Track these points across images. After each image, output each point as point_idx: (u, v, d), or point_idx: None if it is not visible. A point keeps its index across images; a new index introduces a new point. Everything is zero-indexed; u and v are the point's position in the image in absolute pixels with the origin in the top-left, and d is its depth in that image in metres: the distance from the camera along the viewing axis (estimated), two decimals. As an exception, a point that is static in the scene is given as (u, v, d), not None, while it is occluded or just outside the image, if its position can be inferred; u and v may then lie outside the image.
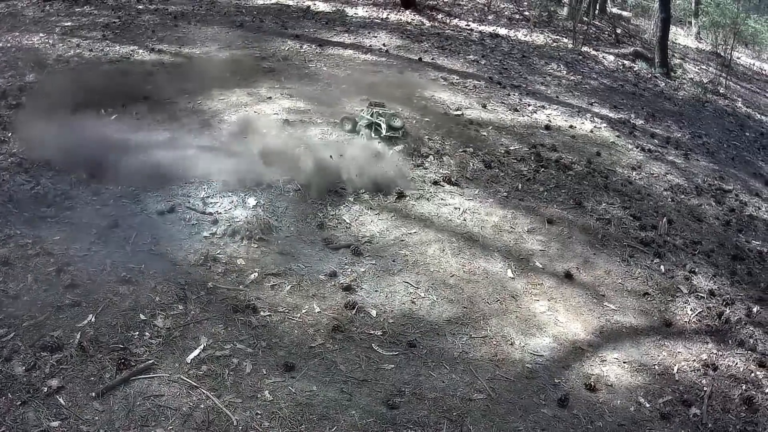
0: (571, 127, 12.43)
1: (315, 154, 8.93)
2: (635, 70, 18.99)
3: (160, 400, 4.99)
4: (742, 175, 12.81)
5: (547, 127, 12.02)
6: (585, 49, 19.23)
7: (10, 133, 8.58)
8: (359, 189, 8.44)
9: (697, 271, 8.35)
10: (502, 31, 19.21)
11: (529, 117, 12.53)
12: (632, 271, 8.04)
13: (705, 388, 6.44)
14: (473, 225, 8.25)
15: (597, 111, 13.94)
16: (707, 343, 7.10)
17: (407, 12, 19.07)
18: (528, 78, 15.30)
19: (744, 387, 6.57)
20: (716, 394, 6.42)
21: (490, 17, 20.60)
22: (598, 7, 23.98)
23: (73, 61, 11.84)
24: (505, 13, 21.26)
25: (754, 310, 7.79)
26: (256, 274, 6.64)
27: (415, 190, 8.70)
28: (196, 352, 5.51)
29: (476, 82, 13.92)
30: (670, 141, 13.30)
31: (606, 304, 7.35)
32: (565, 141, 11.56)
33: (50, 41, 12.83)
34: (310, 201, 8.02)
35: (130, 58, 12.38)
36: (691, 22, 27.13)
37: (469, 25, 19.23)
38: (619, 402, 6.03)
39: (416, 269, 7.24)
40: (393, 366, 5.88)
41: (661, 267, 8.26)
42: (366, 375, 5.71)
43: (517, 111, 12.65)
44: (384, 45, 15.64)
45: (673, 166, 11.88)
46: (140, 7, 16.34)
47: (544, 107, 13.26)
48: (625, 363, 6.53)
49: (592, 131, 12.50)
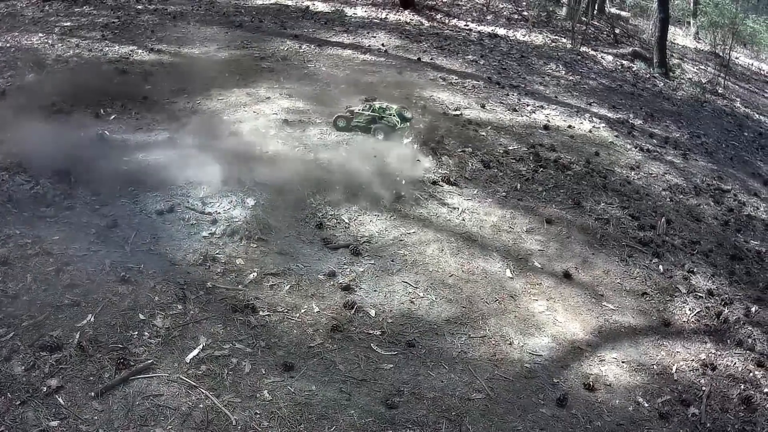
0: (570, 127, 12.45)
1: (315, 154, 8.94)
2: (634, 70, 19.01)
3: (159, 400, 5.00)
4: (740, 175, 12.82)
5: (546, 127, 12.03)
6: (584, 49, 19.25)
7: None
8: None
9: (695, 270, 8.37)
10: (501, 31, 19.23)
11: (528, 117, 12.54)
12: (631, 271, 8.05)
13: (703, 388, 6.45)
14: (472, 225, 8.26)
15: (596, 111, 13.95)
16: (706, 343, 7.12)
17: (406, 12, 19.09)
18: (527, 78, 15.31)
19: (742, 387, 6.58)
20: (715, 393, 6.44)
21: (488, 17, 20.62)
22: (596, 7, 23.99)
23: (73, 61, 11.86)
24: (504, 14, 21.27)
25: (753, 309, 7.80)
26: (255, 274, 6.65)
27: (414, 189, 8.71)
28: (195, 352, 5.52)
29: (475, 82, 13.93)
30: (668, 141, 13.32)
31: (605, 304, 7.36)
32: (563, 141, 11.58)
33: (49, 41, 12.84)
34: (309, 201, 8.03)
35: (129, 58, 12.39)
36: (689, 22, 27.15)
37: (468, 25, 19.25)
38: (617, 402, 6.05)
39: (415, 269, 7.25)
40: (392, 366, 5.89)
41: (660, 267, 8.27)
42: (365, 375, 5.72)
43: (516, 111, 12.66)
44: (383, 45, 15.65)
45: (672, 166, 11.90)
46: (139, 7, 16.35)
47: (542, 107, 13.27)
48: (623, 363, 6.54)
49: (590, 131, 12.52)
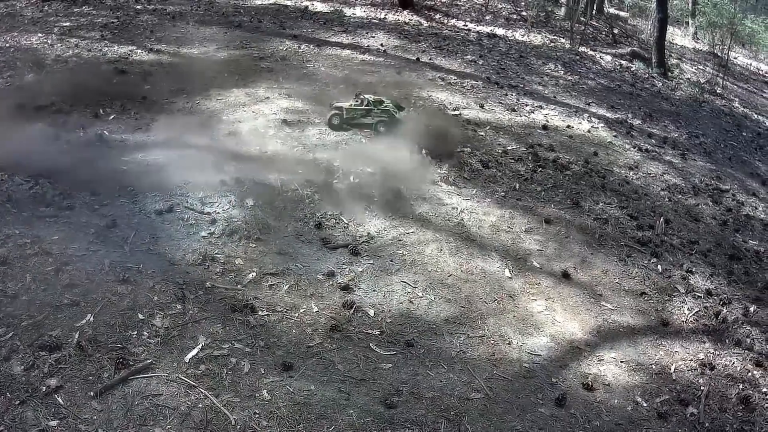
0: (569, 127, 12.46)
1: (314, 154, 8.95)
2: (632, 70, 19.02)
3: (158, 400, 5.00)
4: (739, 175, 12.84)
5: (545, 127, 12.04)
6: (582, 49, 19.26)
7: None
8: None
9: (694, 270, 8.38)
10: (500, 32, 19.24)
11: (527, 117, 12.55)
12: (629, 271, 8.06)
13: (702, 388, 6.47)
14: (471, 225, 8.26)
15: (594, 111, 13.96)
16: (704, 343, 7.13)
17: (405, 12, 19.09)
18: (525, 78, 15.32)
19: (741, 386, 6.60)
20: (713, 393, 6.45)
21: (487, 17, 20.62)
22: (595, 8, 24.02)
23: (72, 61, 11.85)
24: (503, 14, 21.28)
25: (751, 309, 7.82)
26: (254, 274, 6.65)
27: (413, 189, 8.72)
28: (195, 352, 5.52)
29: (474, 82, 13.94)
30: (667, 141, 13.33)
31: (603, 304, 7.37)
32: (562, 141, 11.59)
33: (49, 41, 12.83)
34: (308, 200, 8.03)
35: (129, 58, 12.39)
36: (688, 22, 27.17)
37: (467, 26, 19.26)
38: (616, 401, 6.06)
39: (414, 269, 7.26)
40: (391, 365, 5.90)
41: (659, 267, 8.28)
42: (364, 374, 5.72)
43: (515, 111, 12.67)
44: (382, 45, 15.66)
45: (671, 166, 11.91)
46: (138, 7, 16.34)
47: (541, 107, 13.28)
48: (622, 362, 6.55)
49: (589, 131, 12.53)
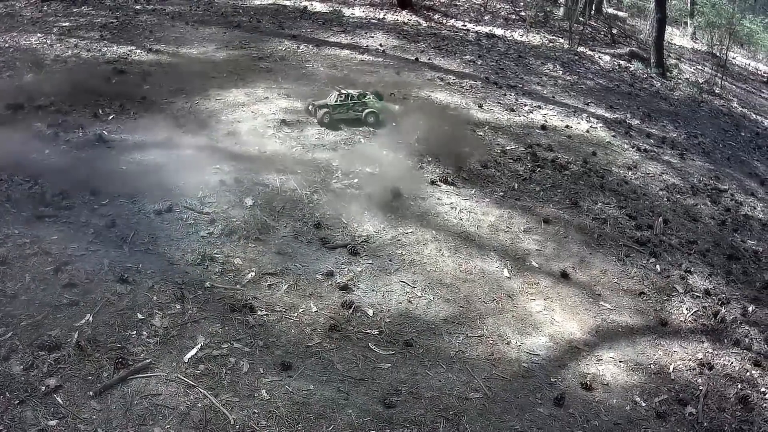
0: (567, 127, 12.47)
1: (313, 153, 8.95)
2: (631, 70, 19.05)
3: (157, 399, 5.01)
4: (737, 175, 12.86)
5: (544, 127, 12.05)
6: (581, 49, 19.28)
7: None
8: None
9: (692, 270, 8.39)
10: (499, 32, 19.26)
11: (526, 117, 12.56)
12: (628, 271, 8.07)
13: (701, 387, 6.48)
14: (470, 224, 8.27)
15: (593, 111, 13.97)
16: (703, 343, 7.14)
17: (404, 12, 19.10)
18: (524, 78, 15.33)
19: (739, 386, 6.61)
20: (712, 393, 6.46)
21: (486, 18, 20.64)
22: (594, 8, 24.06)
23: (71, 61, 11.85)
24: (502, 14, 21.31)
25: (750, 309, 7.83)
26: (253, 274, 6.66)
27: (412, 189, 8.73)
28: (194, 352, 5.53)
29: (472, 82, 13.95)
30: (665, 141, 13.35)
31: (602, 304, 7.38)
32: (561, 141, 11.60)
33: (48, 41, 12.83)
34: (307, 201, 8.04)
35: (128, 58, 12.38)
36: (686, 23, 27.22)
37: (466, 26, 19.28)
38: (615, 401, 6.07)
39: (413, 269, 7.27)
40: (390, 365, 5.90)
41: (657, 266, 8.30)
42: (363, 374, 5.73)
43: (514, 111, 12.68)
44: (381, 45, 15.66)
45: (669, 166, 11.93)
46: (138, 7, 16.34)
47: (540, 107, 13.29)
48: (621, 362, 6.56)
49: (588, 131, 12.54)
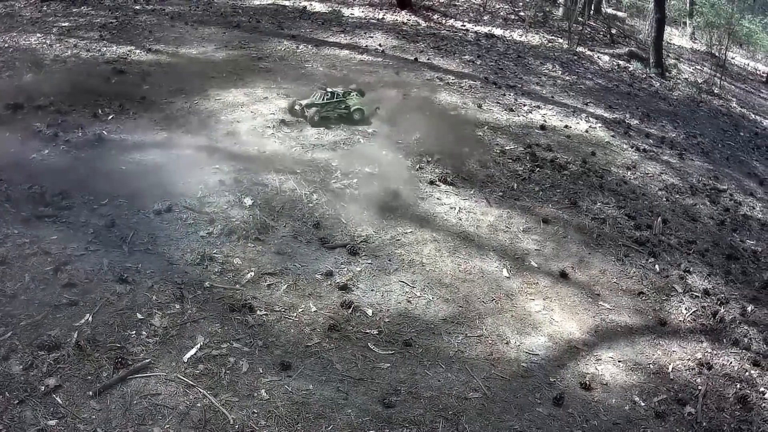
0: (567, 127, 12.48)
1: (312, 153, 8.94)
2: (630, 70, 19.06)
3: (157, 399, 5.01)
4: (736, 175, 12.87)
5: (543, 127, 12.06)
6: (580, 49, 19.30)
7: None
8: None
9: (691, 270, 8.40)
10: (498, 32, 19.27)
11: (525, 117, 12.57)
12: (627, 271, 8.08)
13: (700, 387, 6.48)
14: (469, 224, 8.27)
15: (592, 111, 13.98)
16: (702, 342, 7.15)
17: (403, 12, 19.11)
18: (523, 78, 15.34)
19: (738, 386, 6.61)
20: (711, 392, 6.47)
21: (485, 18, 20.65)
22: (593, 8, 24.08)
23: (71, 62, 11.85)
24: (501, 14, 21.31)
25: (749, 309, 7.84)
26: (253, 274, 6.66)
27: (411, 189, 8.74)
28: (193, 351, 5.53)
29: (472, 82, 13.96)
30: (664, 141, 13.36)
31: (601, 304, 7.38)
32: (560, 141, 11.61)
33: (47, 41, 12.83)
34: (306, 201, 8.04)
35: (127, 59, 12.38)
36: (685, 23, 27.24)
37: (465, 26, 19.28)
38: (614, 401, 6.07)
39: (412, 268, 7.27)
40: (389, 365, 5.90)
41: (656, 266, 8.30)
42: (362, 374, 5.73)
43: (513, 111, 12.69)
44: (380, 45, 15.67)
45: (668, 166, 11.94)
46: (137, 7, 16.34)
47: (539, 107, 13.30)
48: (620, 362, 6.56)
49: (587, 131, 12.55)
